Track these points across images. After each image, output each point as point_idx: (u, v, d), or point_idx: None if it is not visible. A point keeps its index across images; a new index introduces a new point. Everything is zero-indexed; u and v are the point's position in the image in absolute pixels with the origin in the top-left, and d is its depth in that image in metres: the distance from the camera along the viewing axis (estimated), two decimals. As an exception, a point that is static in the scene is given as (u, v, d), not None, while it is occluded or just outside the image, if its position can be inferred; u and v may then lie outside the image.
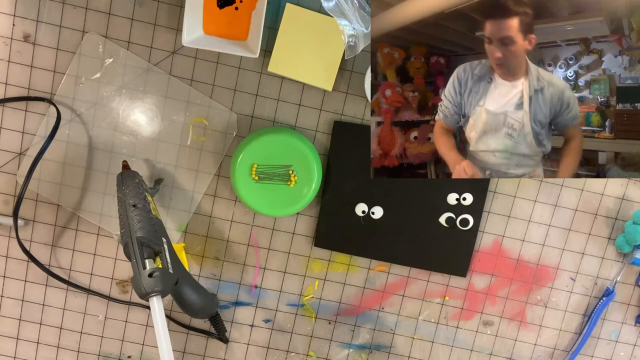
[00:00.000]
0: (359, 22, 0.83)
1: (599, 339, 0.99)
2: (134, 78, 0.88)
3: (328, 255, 0.95)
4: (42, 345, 0.96)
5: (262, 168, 0.87)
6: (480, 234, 0.95)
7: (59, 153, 0.90)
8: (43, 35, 0.87)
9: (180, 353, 0.96)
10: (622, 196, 0.95)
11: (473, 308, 0.97)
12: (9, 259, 0.93)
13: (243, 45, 0.85)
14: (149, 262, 0.72)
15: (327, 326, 0.97)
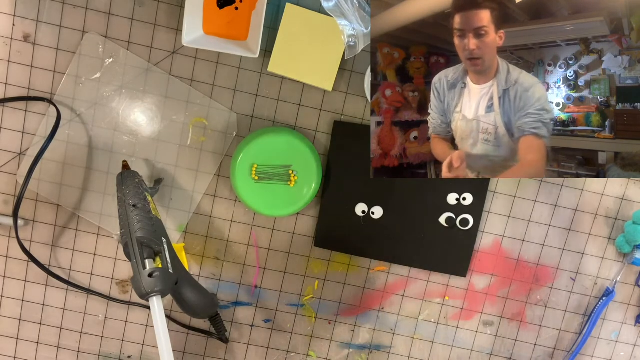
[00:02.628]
0: (359, 22, 0.83)
1: (599, 339, 0.99)
2: (134, 78, 0.88)
3: (328, 255, 0.95)
4: (42, 345, 0.96)
5: (262, 168, 0.87)
6: (480, 234, 0.95)
7: (59, 153, 0.90)
8: (43, 35, 0.87)
9: (180, 353, 0.96)
10: (622, 196, 0.95)
11: (473, 308, 0.97)
12: (9, 259, 0.93)
13: (243, 45, 0.85)
14: (149, 262, 0.72)
15: (327, 326, 0.97)
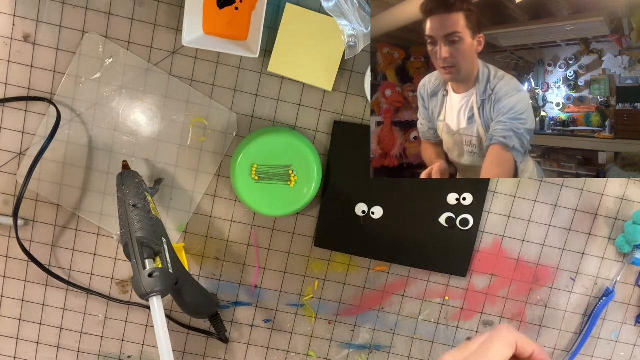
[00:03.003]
0: (359, 22, 0.83)
1: (599, 339, 0.99)
2: (134, 78, 0.88)
3: (328, 255, 0.95)
4: (42, 345, 0.96)
5: (262, 168, 0.87)
6: (480, 234, 0.95)
7: (59, 153, 0.90)
8: (43, 35, 0.87)
9: (180, 353, 0.96)
10: (622, 196, 0.95)
11: (473, 308, 0.97)
12: (9, 259, 0.93)
13: (243, 45, 0.85)
14: (149, 262, 0.72)
15: (327, 326, 0.97)
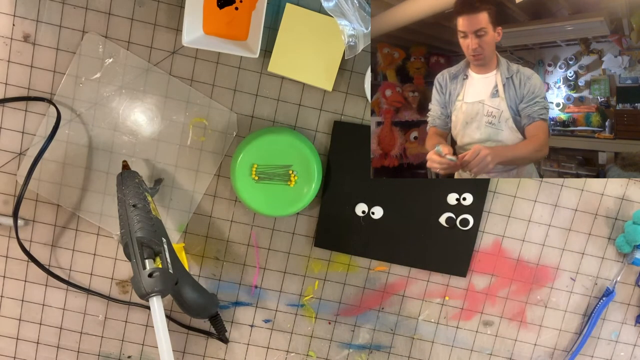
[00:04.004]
0: (359, 22, 0.83)
1: (599, 339, 0.99)
2: (134, 78, 0.88)
3: (328, 255, 0.95)
4: (42, 345, 0.96)
5: (262, 168, 0.87)
6: (480, 234, 0.95)
7: (59, 153, 0.90)
8: (43, 35, 0.87)
9: (180, 353, 0.96)
10: (622, 196, 0.95)
11: (473, 308, 0.97)
12: (9, 259, 0.93)
13: (243, 45, 0.85)
14: (149, 262, 0.72)
15: (327, 326, 0.97)
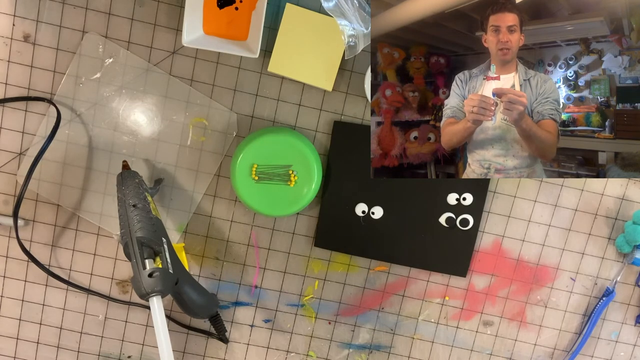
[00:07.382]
0: (359, 22, 0.83)
1: (599, 339, 0.99)
2: (134, 78, 0.88)
3: (328, 255, 0.95)
4: (42, 345, 0.96)
5: (262, 168, 0.87)
6: (480, 234, 0.95)
7: (59, 153, 0.90)
8: (43, 35, 0.87)
9: (180, 353, 0.97)
10: (622, 196, 0.95)
11: (473, 308, 0.97)
12: (9, 259, 0.93)
13: (243, 45, 0.85)
14: (149, 262, 0.72)
15: (327, 326, 0.97)
